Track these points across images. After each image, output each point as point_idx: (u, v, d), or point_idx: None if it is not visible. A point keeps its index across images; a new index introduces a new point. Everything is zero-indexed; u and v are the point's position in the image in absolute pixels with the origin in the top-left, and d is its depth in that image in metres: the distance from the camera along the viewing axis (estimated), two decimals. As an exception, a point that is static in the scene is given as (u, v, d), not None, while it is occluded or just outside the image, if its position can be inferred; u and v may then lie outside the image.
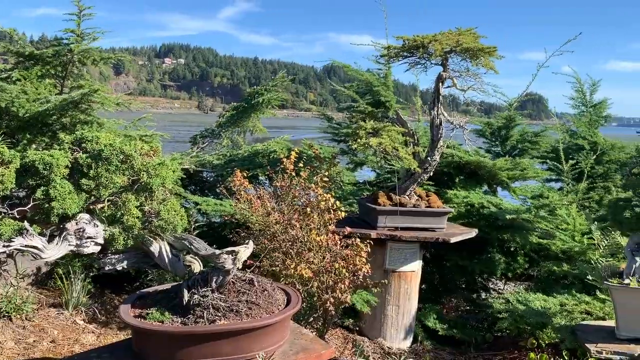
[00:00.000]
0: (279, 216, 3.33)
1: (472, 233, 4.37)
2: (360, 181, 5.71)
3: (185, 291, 2.41)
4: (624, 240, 4.18)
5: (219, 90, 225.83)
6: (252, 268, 3.31)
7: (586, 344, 3.07)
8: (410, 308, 4.32)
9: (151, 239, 2.44)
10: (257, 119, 6.99)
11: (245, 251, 2.47)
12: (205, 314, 2.35)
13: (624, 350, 2.96)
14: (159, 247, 2.47)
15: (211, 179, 5.89)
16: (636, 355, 2.92)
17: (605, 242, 4.52)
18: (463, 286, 5.41)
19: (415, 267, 4.31)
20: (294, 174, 3.50)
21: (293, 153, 3.64)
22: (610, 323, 3.32)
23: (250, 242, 2.56)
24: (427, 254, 5.22)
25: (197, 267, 2.50)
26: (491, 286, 5.62)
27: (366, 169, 6.03)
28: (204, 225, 5.15)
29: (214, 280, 2.44)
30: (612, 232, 4.48)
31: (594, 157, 5.67)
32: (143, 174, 2.36)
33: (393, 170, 4.54)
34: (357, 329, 4.28)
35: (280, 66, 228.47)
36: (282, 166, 3.50)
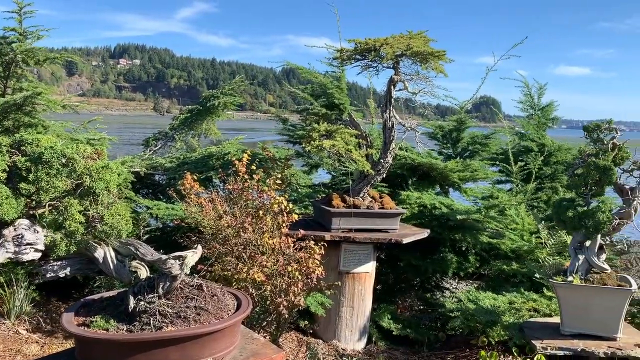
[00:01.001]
0: (230, 219, 3.29)
1: (424, 233, 4.44)
2: (317, 183, 5.71)
3: (131, 298, 2.35)
4: (569, 239, 4.32)
5: (175, 91, 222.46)
6: (203, 273, 3.27)
7: (533, 341, 3.15)
8: (365, 309, 4.35)
9: (95, 245, 2.38)
10: (213, 122, 6.92)
11: (193, 256, 2.42)
12: (151, 321, 2.29)
13: (568, 346, 3.05)
14: (104, 253, 2.40)
15: (163, 182, 5.79)
16: (579, 350, 3.02)
17: (552, 240, 4.67)
18: (417, 286, 5.49)
19: (369, 268, 4.34)
20: (246, 176, 3.47)
21: (245, 155, 3.60)
22: (556, 319, 3.41)
23: (199, 246, 2.51)
24: (381, 254, 5.27)
25: (143, 273, 2.44)
26: (445, 285, 5.72)
27: (323, 171, 6.05)
28: (156, 229, 5.05)
29: (161, 286, 2.38)
30: (559, 231, 4.63)
31: (542, 158, 5.84)
32: (86, 178, 2.29)
33: (348, 173, 4.56)
34: (312, 331, 4.27)
35: (239, 68, 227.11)
36: (233, 169, 3.46)
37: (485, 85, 6.73)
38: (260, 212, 3.33)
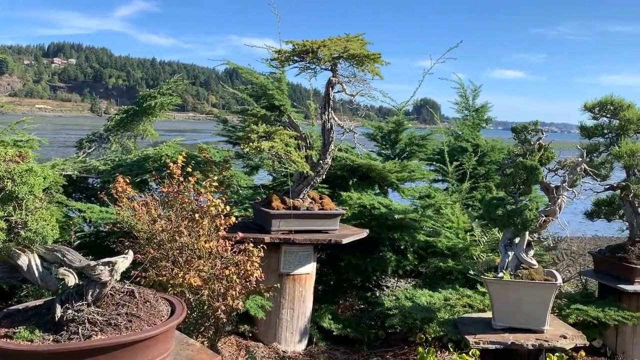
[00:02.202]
0: (165, 223, 3.22)
1: (364, 233, 4.50)
2: (259, 185, 5.68)
3: (58, 306, 2.26)
4: (501, 236, 4.49)
5: (114, 92, 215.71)
6: (138, 279, 3.18)
7: (466, 336, 3.25)
8: (305, 310, 4.35)
9: (19, 252, 2.27)
10: (150, 122, 6.75)
11: (123, 262, 2.36)
12: (80, 330, 2.21)
13: (499, 340, 3.17)
14: (28, 260, 2.29)
15: (98, 186, 5.59)
16: (509, 343, 3.13)
17: (486, 238, 4.84)
18: (358, 285, 5.55)
19: (309, 270, 4.35)
20: (181, 179, 3.40)
21: (180, 157, 3.54)
22: (489, 315, 3.53)
23: (130, 251, 2.44)
24: (322, 255, 5.30)
25: (71, 280, 2.35)
26: (385, 284, 5.81)
27: (266, 173, 6.01)
28: (90, 234, 4.87)
29: (90, 293, 2.30)
30: (491, 229, 4.80)
31: (476, 158, 6.04)
32: (7, 182, 2.19)
33: (289, 174, 4.56)
34: (252, 335, 4.24)
35: (180, 68, 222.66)
36: (168, 171, 3.39)
37: (427, 88, 6.93)
38: (197, 215, 3.27)
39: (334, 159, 5.14)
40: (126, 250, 2.50)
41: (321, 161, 4.36)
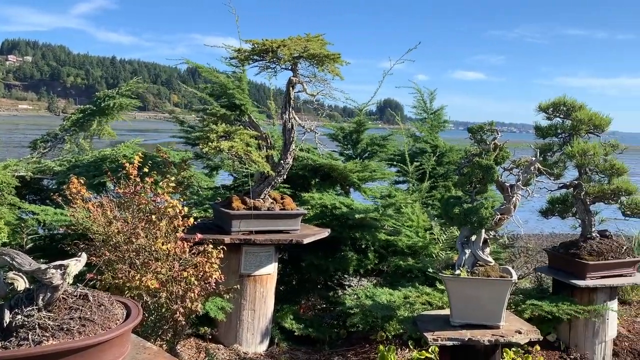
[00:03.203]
0: (122, 225, 3.16)
1: (325, 233, 4.51)
2: (220, 185, 5.62)
3: (7, 312, 2.18)
4: (459, 235, 4.57)
5: (72, 90, 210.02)
6: (93, 282, 3.11)
7: (425, 333, 3.29)
8: (267, 311, 4.34)
9: (-36, 257, 2.18)
10: (107, 123, 6.61)
11: (76, 265, 2.29)
12: (30, 336, 2.14)
13: (456, 336, 3.22)
14: (-26, 265, 2.21)
15: (53, 187, 5.44)
16: (466, 339, 3.19)
17: (444, 236, 4.92)
18: (321, 285, 5.56)
19: (270, 270, 4.33)
20: (138, 179, 3.34)
21: (137, 157, 3.47)
22: (447, 311, 3.58)
23: (83, 254, 2.38)
24: (284, 255, 5.29)
25: (21, 284, 2.27)
26: (347, 283, 5.83)
27: (226, 174, 5.96)
28: (45, 237, 4.74)
29: (41, 298, 2.23)
30: (450, 227, 4.88)
31: (435, 158, 6.15)
32: (-49, 184, 2.10)
33: (250, 174, 4.53)
34: (212, 336, 4.20)
35: (141, 66, 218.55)
36: (124, 172, 3.32)
37: (391, 89, 6.99)
38: (154, 216, 3.21)
39: (296, 159, 5.13)
40: (79, 253, 2.44)
41: (282, 161, 4.35)
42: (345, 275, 5.56)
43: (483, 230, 3.42)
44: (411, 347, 4.22)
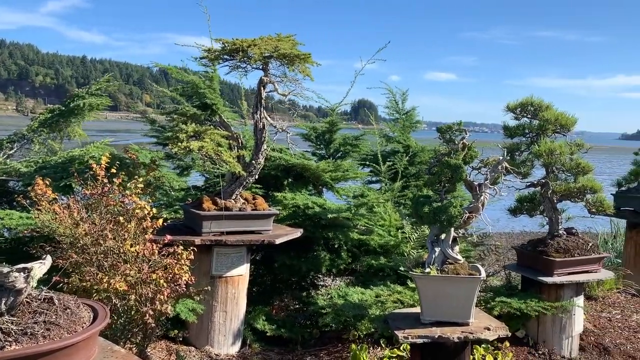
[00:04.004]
0: (89, 227, 3.11)
1: (297, 233, 4.51)
2: (192, 186, 5.57)
3: (-32, 317, 2.13)
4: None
5: (41, 90, 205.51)
6: (60, 285, 3.06)
7: (395, 331, 3.31)
8: (239, 312, 4.31)
9: None
10: (77, 123, 6.49)
11: (40, 267, 2.25)
12: (-8, 341, 2.09)
13: (427, 334, 3.25)
14: None
15: (19, 189, 5.32)
16: (436, 337, 3.23)
17: (416, 235, 4.96)
18: (294, 285, 5.55)
19: (242, 271, 4.31)
20: (105, 180, 3.29)
21: (104, 158, 3.42)
22: (418, 309, 3.61)
23: (48, 257, 2.34)
24: (257, 256, 5.27)
25: (-17, 289, 2.22)
26: (322, 283, 5.84)
27: (199, 174, 5.91)
28: (10, 241, 4.64)
29: (4, 302, 2.18)
30: (421, 226, 4.93)
31: (407, 158, 6.20)
32: None
33: (221, 175, 4.50)
34: (183, 339, 4.16)
35: (112, 66, 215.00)
36: (91, 172, 3.27)
37: (365, 89, 7.03)
38: (122, 218, 3.17)
39: (268, 159, 5.12)
40: (44, 256, 2.39)
41: (254, 161, 4.33)
42: (319, 276, 5.57)
43: (452, 229, 3.46)
44: (383, 345, 4.26)
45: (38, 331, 2.18)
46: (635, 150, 6.86)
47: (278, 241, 4.22)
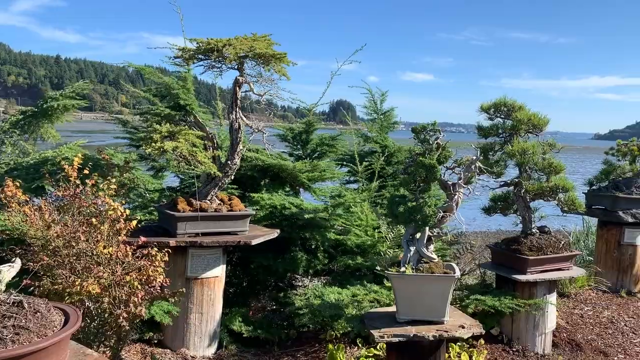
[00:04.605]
0: (61, 229, 3.06)
1: (274, 234, 4.49)
2: (167, 187, 5.51)
3: None
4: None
5: (13, 90, 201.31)
6: (32, 288, 3.01)
7: (372, 330, 3.32)
8: (215, 314, 4.29)
9: None
10: (51, 125, 6.39)
11: (9, 271, 2.22)
12: (-42, 346, 2.04)
13: (402, 332, 3.27)
14: None
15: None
16: (412, 335, 3.25)
17: (392, 234, 4.99)
18: (271, 286, 5.54)
19: (218, 272, 4.28)
20: (78, 181, 3.24)
21: (76, 159, 3.37)
22: (394, 309, 3.64)
23: (17, 259, 2.30)
24: (233, 257, 5.24)
25: (-50, 293, 2.17)
26: (300, 284, 5.83)
27: (174, 175, 5.86)
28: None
29: (-30, 306, 2.14)
30: (397, 226, 4.96)
31: (384, 158, 6.23)
32: None
33: (197, 176, 4.46)
34: (158, 341, 4.12)
35: (87, 65, 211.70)
36: (63, 174, 3.22)
37: (344, 89, 7.03)
38: (94, 219, 3.12)
39: (244, 160, 5.10)
40: (13, 259, 2.35)
41: (229, 162, 4.31)
42: (296, 276, 5.56)
43: (427, 228, 3.49)
44: (360, 345, 4.27)
45: (7, 335, 2.14)
46: (606, 150, 7.02)
47: (254, 242, 4.20)
